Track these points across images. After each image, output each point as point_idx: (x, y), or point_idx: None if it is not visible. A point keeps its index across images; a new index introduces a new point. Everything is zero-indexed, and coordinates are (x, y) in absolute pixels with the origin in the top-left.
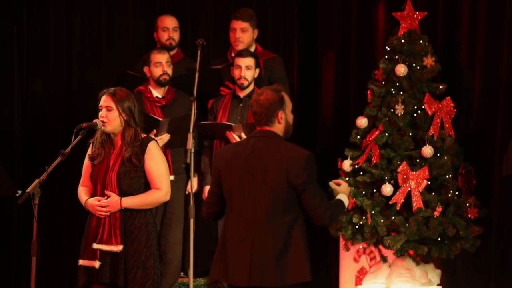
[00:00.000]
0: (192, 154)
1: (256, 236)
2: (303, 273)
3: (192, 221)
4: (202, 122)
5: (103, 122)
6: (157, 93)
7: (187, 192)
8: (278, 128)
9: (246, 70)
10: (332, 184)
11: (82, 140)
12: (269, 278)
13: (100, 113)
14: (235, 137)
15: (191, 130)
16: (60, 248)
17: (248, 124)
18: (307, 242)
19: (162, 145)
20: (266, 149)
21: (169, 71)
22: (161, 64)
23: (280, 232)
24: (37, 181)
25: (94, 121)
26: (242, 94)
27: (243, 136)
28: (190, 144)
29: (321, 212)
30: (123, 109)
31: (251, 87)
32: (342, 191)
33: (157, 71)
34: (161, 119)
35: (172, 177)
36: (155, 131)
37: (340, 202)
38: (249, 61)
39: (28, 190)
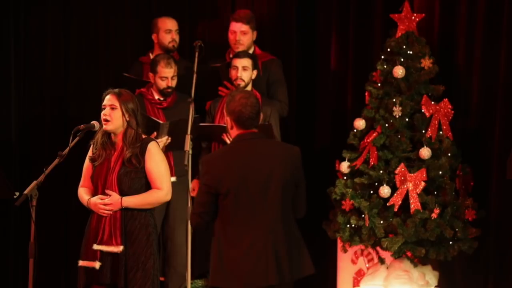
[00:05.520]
0: (190, 156)
1: (269, 235)
2: (310, 265)
3: (189, 222)
4: (200, 124)
5: (105, 120)
6: (158, 95)
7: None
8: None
9: (242, 71)
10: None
11: (80, 142)
12: (285, 274)
13: (103, 112)
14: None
15: (188, 132)
16: (58, 250)
17: None
18: None
19: (163, 147)
20: (265, 149)
21: (173, 83)
22: (167, 78)
23: (288, 228)
24: (34, 182)
25: (91, 122)
26: None
27: None
28: (188, 146)
29: (305, 204)
30: (127, 110)
31: (248, 88)
32: None
33: (162, 84)
34: (161, 122)
35: (174, 179)
36: (155, 133)
37: None
38: (245, 62)
39: (25, 192)
